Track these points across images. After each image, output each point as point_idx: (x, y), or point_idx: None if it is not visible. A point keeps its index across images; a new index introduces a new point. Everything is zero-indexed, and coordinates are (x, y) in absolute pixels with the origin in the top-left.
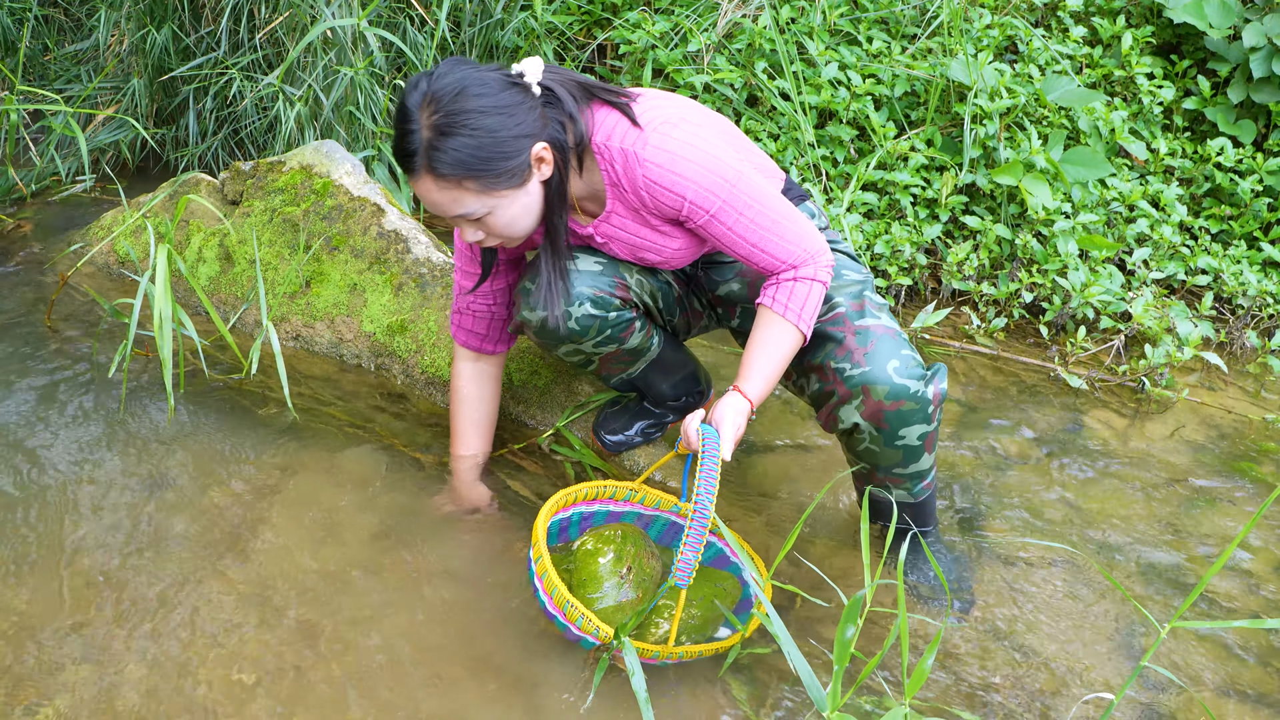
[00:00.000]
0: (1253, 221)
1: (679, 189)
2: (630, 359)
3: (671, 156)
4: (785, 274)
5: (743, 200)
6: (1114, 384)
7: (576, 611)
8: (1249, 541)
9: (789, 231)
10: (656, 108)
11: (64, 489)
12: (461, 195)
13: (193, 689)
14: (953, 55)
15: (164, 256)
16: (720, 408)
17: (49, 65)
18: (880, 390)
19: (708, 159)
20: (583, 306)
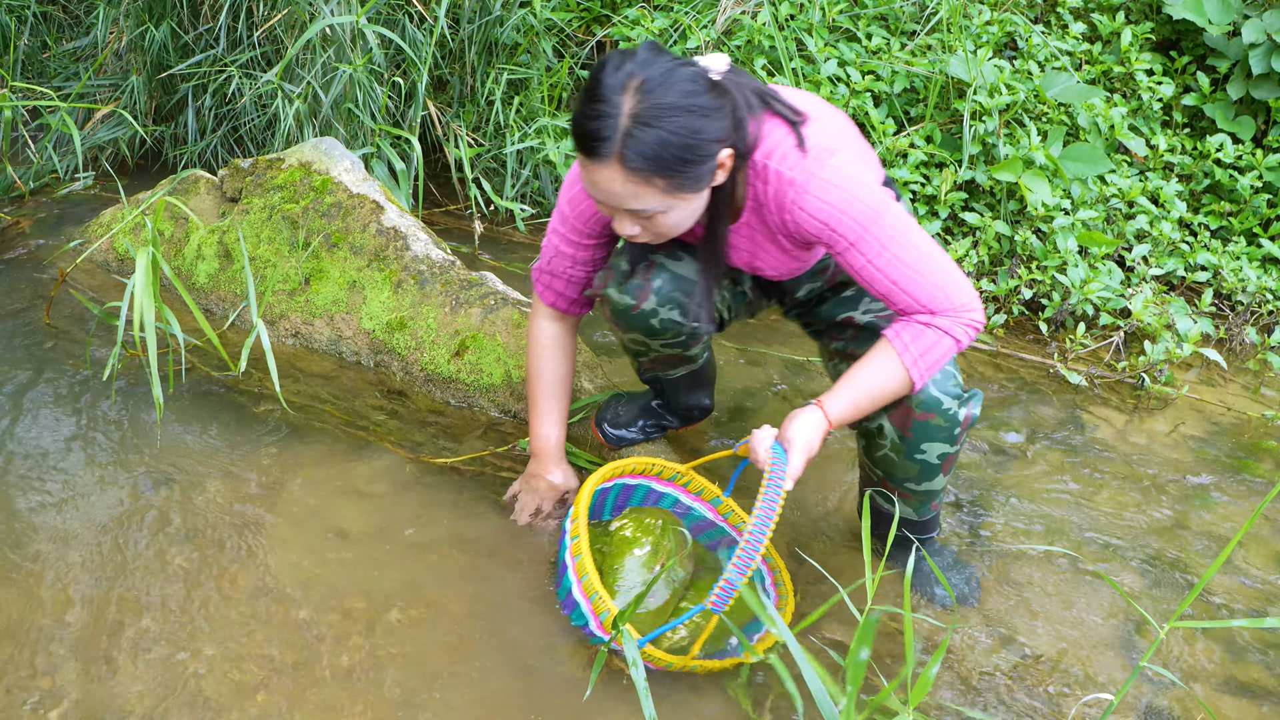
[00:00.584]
0: (1252, 218)
1: (825, 217)
2: (680, 364)
3: (825, 185)
4: (920, 317)
5: (886, 234)
6: (1113, 380)
7: (603, 604)
8: (1249, 535)
9: (932, 274)
10: (824, 133)
11: (59, 486)
12: (645, 191)
13: (191, 687)
14: (952, 52)
15: (144, 259)
16: (796, 424)
17: (48, 63)
18: (914, 398)
19: (859, 187)
20: (671, 311)
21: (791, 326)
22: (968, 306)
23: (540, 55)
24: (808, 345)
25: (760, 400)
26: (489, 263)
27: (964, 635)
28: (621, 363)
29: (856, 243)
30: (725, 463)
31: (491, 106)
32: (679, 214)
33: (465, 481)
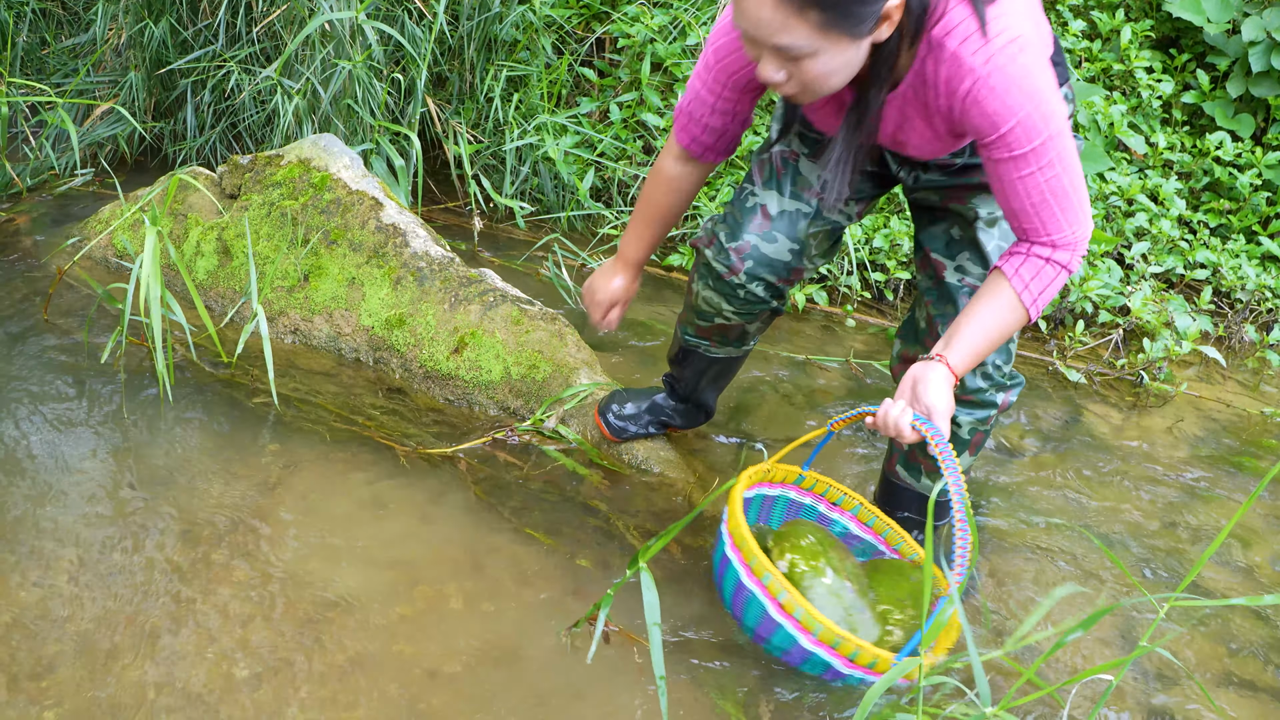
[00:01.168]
0: (1251, 216)
1: (1000, 117)
2: (731, 343)
3: (1008, 83)
4: (1041, 249)
5: (1051, 156)
6: (1112, 378)
7: (849, 645)
8: (1248, 532)
9: (1073, 207)
10: (1009, 16)
11: (58, 480)
12: (795, 24)
13: (190, 682)
14: None
15: (153, 237)
16: (930, 388)
17: (47, 59)
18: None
19: (1042, 100)
20: (755, 285)
21: (790, 323)
22: (1086, 237)
23: (540, 52)
24: (809, 343)
25: (761, 397)
26: (488, 260)
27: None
28: (620, 362)
29: (1021, 155)
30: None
31: (491, 103)
32: (829, 61)
33: (462, 477)
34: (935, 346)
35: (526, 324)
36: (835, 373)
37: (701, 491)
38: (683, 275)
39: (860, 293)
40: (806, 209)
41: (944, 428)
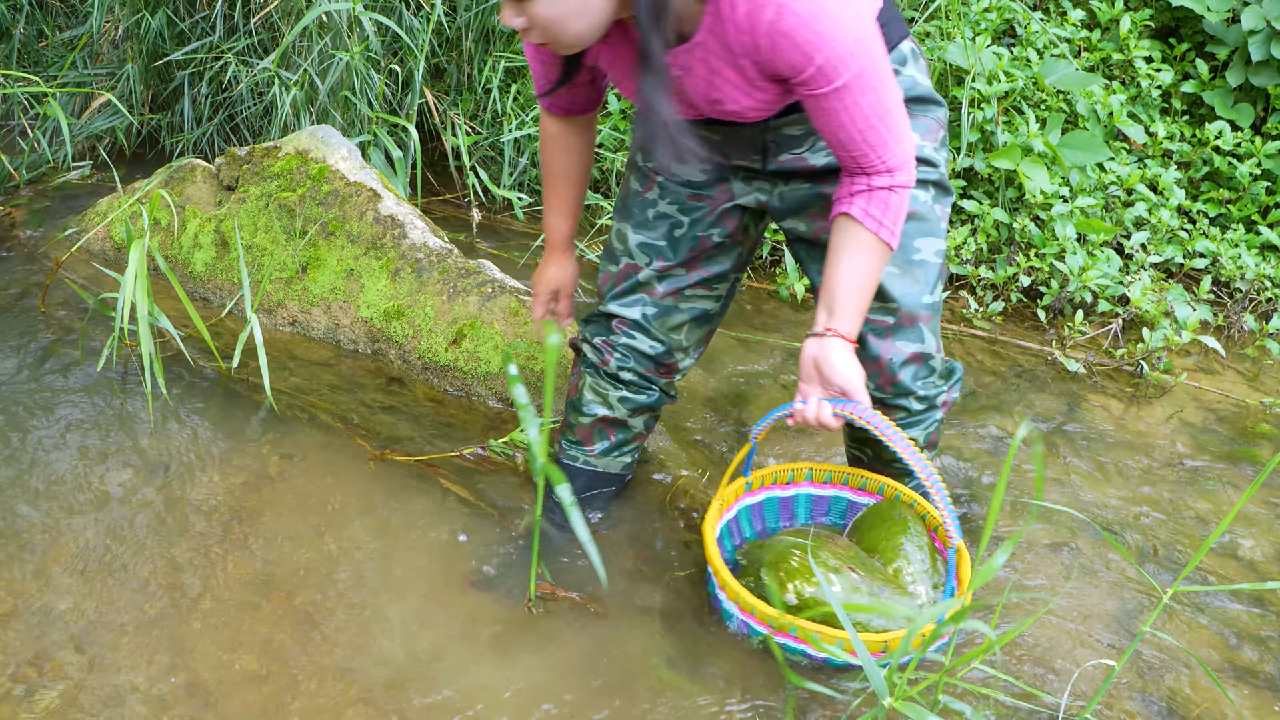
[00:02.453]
0: (1251, 205)
1: (811, 49)
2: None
3: (815, 12)
4: (880, 179)
5: (870, 81)
6: (1112, 368)
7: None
8: (1251, 524)
9: (896, 128)
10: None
11: (54, 475)
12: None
13: (188, 675)
14: (950, 38)
15: (138, 253)
16: (833, 365)
17: (44, 52)
18: (888, 398)
19: (855, 25)
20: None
21: (789, 314)
22: (915, 152)
23: None
24: (804, 334)
25: (759, 388)
26: (487, 251)
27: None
28: None
29: (841, 88)
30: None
31: (489, 94)
32: (553, 6)
33: (460, 472)
34: (818, 319)
35: (525, 315)
36: None
37: (701, 483)
38: None
39: None
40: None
41: (864, 399)
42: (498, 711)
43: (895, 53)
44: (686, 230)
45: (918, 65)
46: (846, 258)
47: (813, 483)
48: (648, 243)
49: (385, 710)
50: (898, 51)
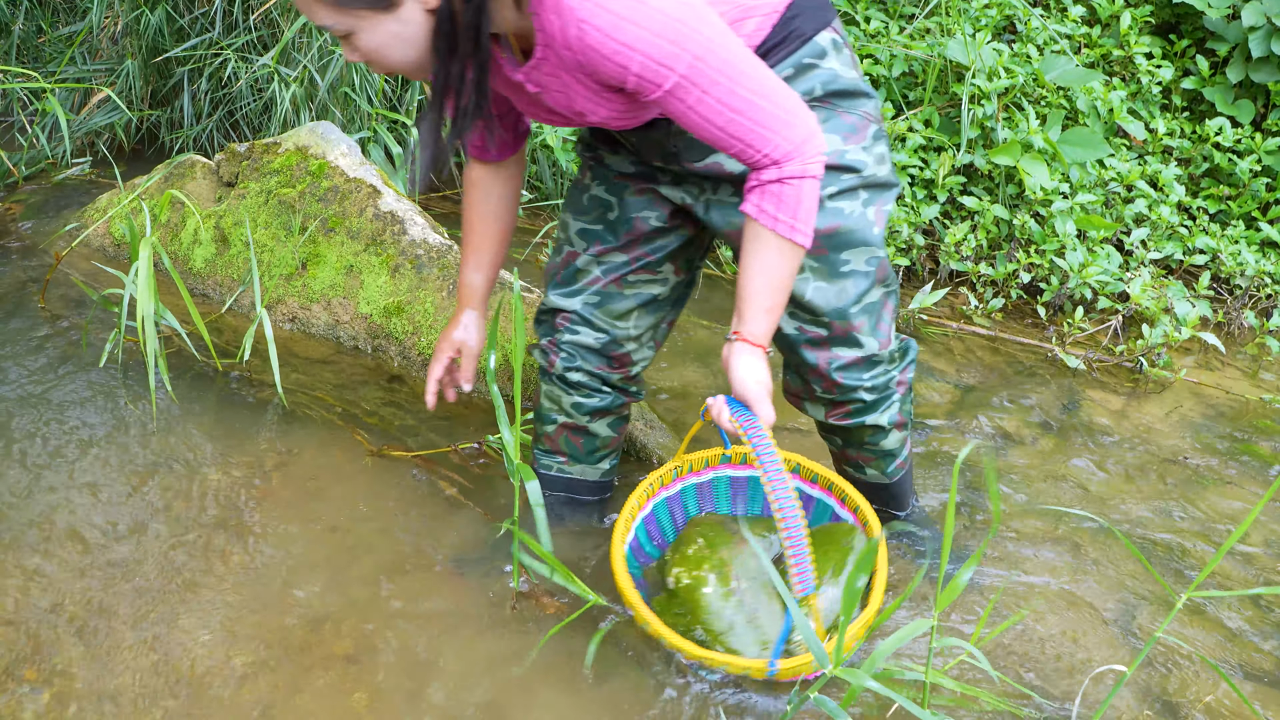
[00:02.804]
0: (1251, 201)
1: (622, 59)
2: (583, 455)
3: (615, 20)
4: (768, 173)
5: (708, 76)
6: (1111, 364)
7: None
8: (1241, 516)
9: (767, 114)
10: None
11: (55, 470)
12: (315, 6)
13: (188, 671)
14: (951, 35)
15: (146, 253)
16: (737, 372)
17: (44, 48)
18: (836, 395)
19: (666, 24)
20: (572, 394)
21: None
22: (808, 137)
23: None
24: None
25: None
26: None
27: (961, 614)
28: None
29: (673, 89)
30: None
31: None
32: (373, 36)
33: (457, 469)
34: (732, 322)
35: (525, 311)
36: None
37: None
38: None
39: None
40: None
41: (762, 410)
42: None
43: (811, 45)
44: (619, 213)
45: (840, 57)
46: (751, 257)
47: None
48: (585, 228)
49: (385, 704)
50: (814, 44)
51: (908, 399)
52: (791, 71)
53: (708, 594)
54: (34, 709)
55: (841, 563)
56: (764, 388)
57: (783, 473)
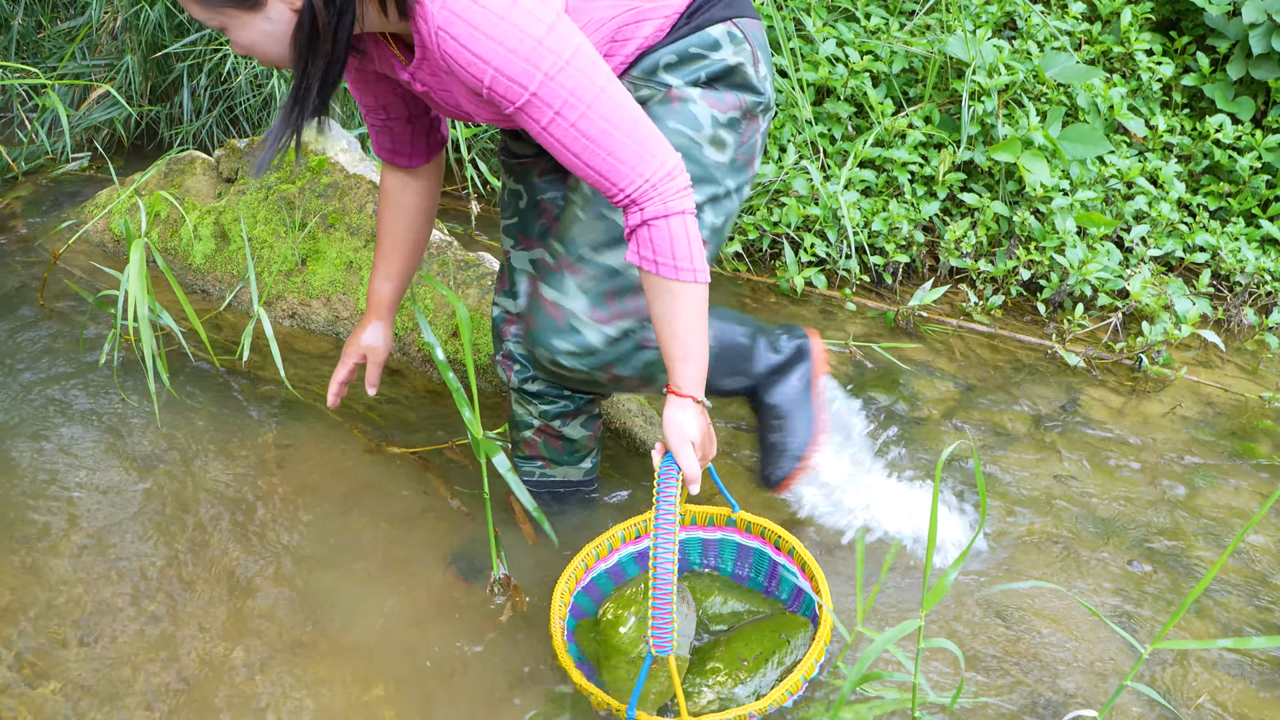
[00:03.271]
0: (1251, 198)
1: (476, 68)
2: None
3: (470, 31)
4: (632, 216)
5: (561, 97)
6: (1111, 362)
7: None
8: (1244, 516)
9: (622, 147)
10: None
11: (54, 468)
12: (189, 2)
13: (190, 661)
14: (951, 31)
15: (138, 254)
16: (667, 426)
17: (43, 43)
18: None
19: (518, 39)
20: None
21: (789, 307)
22: (667, 176)
23: None
24: (803, 317)
25: None
26: (486, 243)
27: (956, 614)
28: None
29: (525, 106)
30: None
31: None
32: (245, 33)
33: (452, 463)
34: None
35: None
36: (834, 356)
37: None
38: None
39: (859, 276)
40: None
41: (681, 461)
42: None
43: (702, 35)
44: (528, 199)
45: (738, 50)
46: (653, 307)
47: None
48: (508, 225)
49: (386, 697)
50: (705, 35)
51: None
52: (674, 58)
53: (623, 632)
54: (35, 704)
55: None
56: (684, 438)
57: (671, 530)
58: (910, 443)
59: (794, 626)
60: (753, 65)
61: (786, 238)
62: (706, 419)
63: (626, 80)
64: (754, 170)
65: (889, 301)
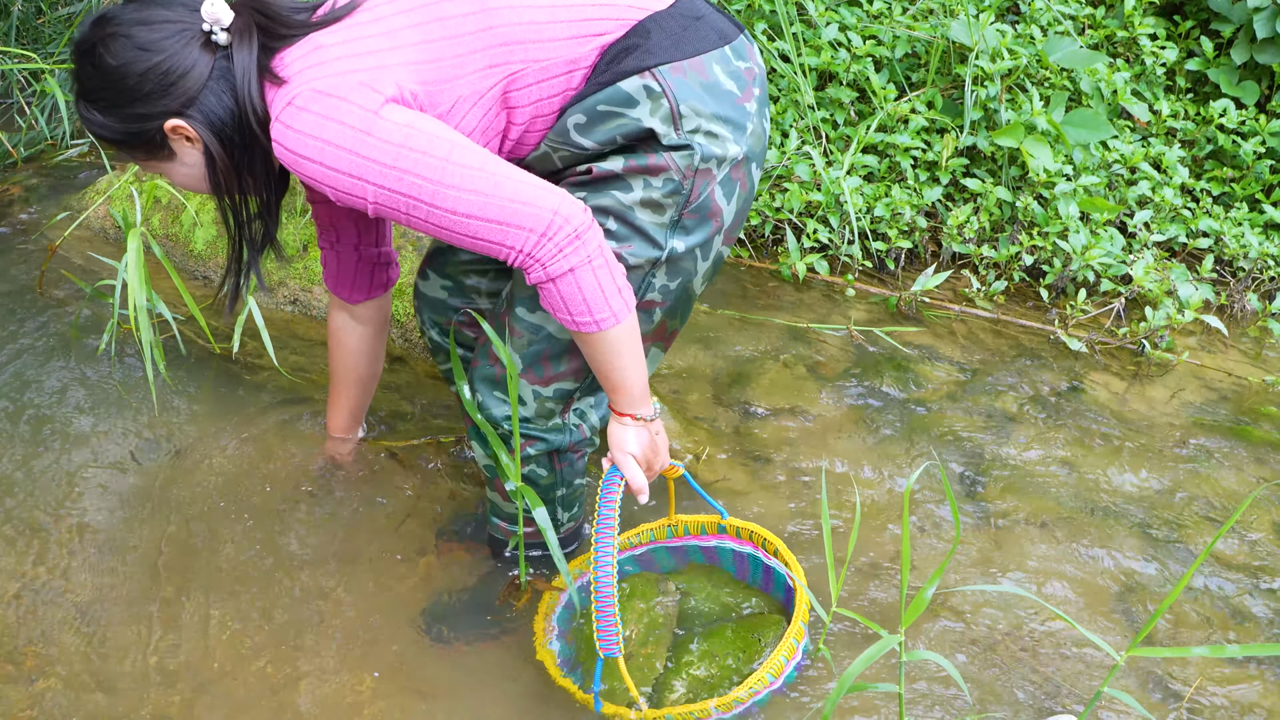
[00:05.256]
0: (1255, 184)
1: (321, 184)
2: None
3: (295, 158)
4: (534, 274)
5: (402, 193)
6: (1114, 347)
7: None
8: (1253, 505)
9: (491, 210)
10: (296, 78)
11: (54, 457)
12: (120, 152)
13: (191, 651)
14: (954, 16)
15: (135, 244)
16: (609, 440)
17: (42, 29)
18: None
19: (334, 158)
20: (429, 332)
21: (790, 293)
22: (556, 228)
23: None
24: (810, 312)
25: (762, 367)
26: None
27: (956, 597)
28: None
29: (378, 207)
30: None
31: None
32: (171, 172)
33: (448, 456)
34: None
35: None
36: (836, 342)
37: (701, 461)
38: None
39: (862, 262)
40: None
41: (627, 472)
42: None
43: (613, 91)
44: None
45: (655, 108)
46: (588, 354)
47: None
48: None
49: (387, 692)
50: (616, 90)
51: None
52: (583, 118)
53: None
54: (37, 695)
55: (737, 652)
56: (624, 451)
57: (611, 536)
58: (912, 428)
59: (770, 626)
60: (670, 124)
61: (788, 223)
62: (650, 434)
63: (545, 143)
64: (721, 222)
65: (891, 287)
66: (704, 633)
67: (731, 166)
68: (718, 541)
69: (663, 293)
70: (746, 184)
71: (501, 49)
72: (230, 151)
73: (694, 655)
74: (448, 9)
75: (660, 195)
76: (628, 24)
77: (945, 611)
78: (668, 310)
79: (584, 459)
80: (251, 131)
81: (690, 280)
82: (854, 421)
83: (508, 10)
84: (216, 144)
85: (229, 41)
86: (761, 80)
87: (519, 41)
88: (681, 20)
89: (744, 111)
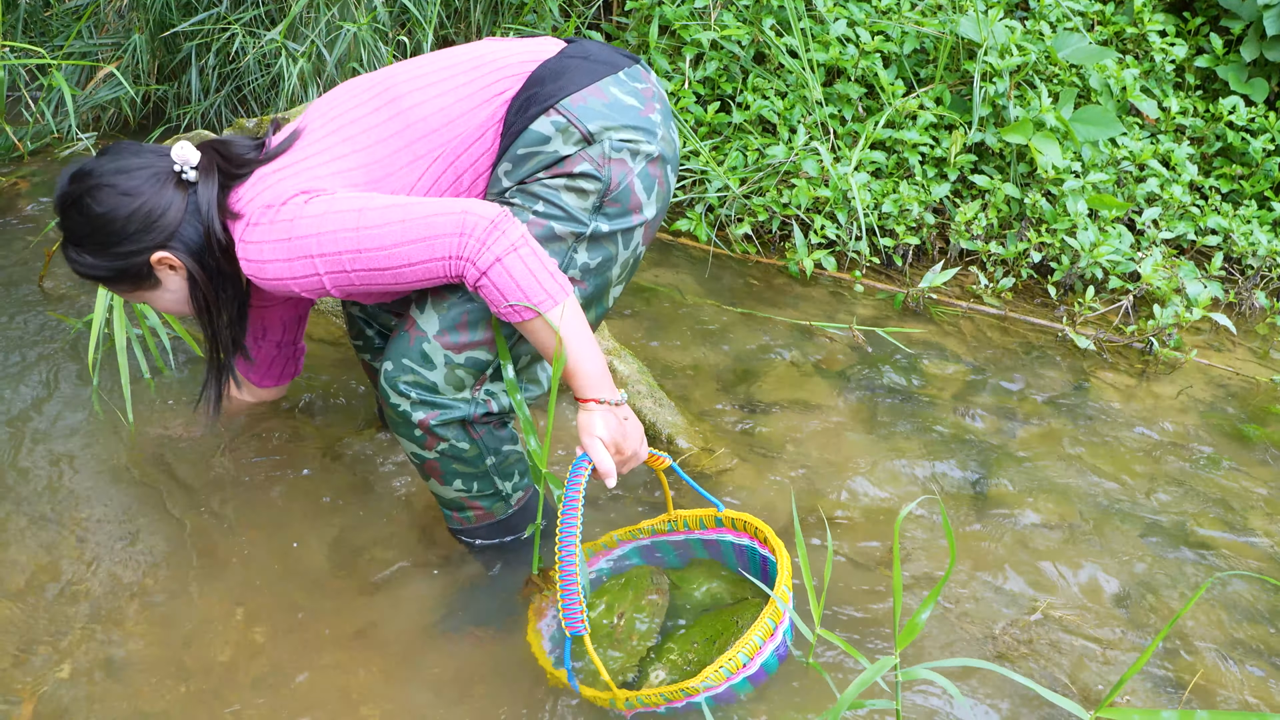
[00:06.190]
0: (1264, 181)
1: (284, 282)
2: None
3: (255, 267)
4: (470, 277)
5: (343, 250)
6: (1121, 345)
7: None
8: (1256, 499)
9: (412, 231)
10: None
11: (53, 452)
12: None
13: (198, 648)
14: (963, 12)
15: None
16: (578, 427)
17: (50, 21)
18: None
19: (288, 249)
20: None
21: (797, 289)
22: (469, 229)
23: (546, 14)
24: (816, 309)
25: (768, 363)
26: None
27: (959, 595)
28: (626, 326)
29: (332, 287)
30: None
31: None
32: (155, 300)
33: None
34: None
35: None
36: (842, 338)
37: (710, 457)
38: (690, 240)
39: (869, 258)
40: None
41: (595, 456)
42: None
43: (526, 135)
44: None
45: (568, 138)
46: (537, 344)
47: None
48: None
49: (388, 687)
50: (529, 134)
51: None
52: (510, 166)
53: (591, 616)
54: (45, 688)
55: (716, 635)
56: (592, 436)
57: (575, 518)
58: (919, 424)
59: (753, 610)
60: (584, 143)
61: (796, 219)
62: (617, 418)
63: (488, 197)
64: (645, 215)
65: (899, 284)
66: (690, 622)
67: (648, 161)
68: (717, 535)
69: (583, 271)
70: (664, 183)
71: (421, 141)
72: (209, 273)
73: (676, 641)
74: (366, 118)
75: (582, 183)
76: (522, 77)
77: (945, 611)
78: (586, 296)
79: (507, 427)
80: (221, 252)
81: (610, 265)
82: (861, 418)
83: (416, 107)
84: (198, 267)
85: (197, 178)
86: (661, 98)
87: (433, 130)
88: (571, 61)
89: (650, 121)
